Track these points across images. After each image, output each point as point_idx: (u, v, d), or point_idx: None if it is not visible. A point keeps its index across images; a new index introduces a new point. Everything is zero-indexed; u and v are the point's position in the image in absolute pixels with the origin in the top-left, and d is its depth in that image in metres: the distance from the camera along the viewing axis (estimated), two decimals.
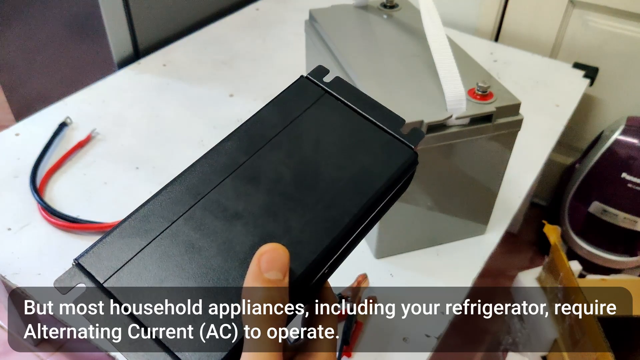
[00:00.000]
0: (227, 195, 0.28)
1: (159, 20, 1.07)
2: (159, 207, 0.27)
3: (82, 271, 0.25)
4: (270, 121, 0.31)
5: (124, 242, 0.26)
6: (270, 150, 0.29)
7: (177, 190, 0.28)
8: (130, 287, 0.25)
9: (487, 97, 0.57)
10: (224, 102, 0.92)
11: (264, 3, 1.25)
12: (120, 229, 0.26)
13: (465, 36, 1.14)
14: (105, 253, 0.25)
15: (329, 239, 0.27)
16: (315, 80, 0.33)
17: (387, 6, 0.77)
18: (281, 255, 0.24)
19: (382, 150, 0.30)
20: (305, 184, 0.29)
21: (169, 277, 0.25)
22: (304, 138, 0.30)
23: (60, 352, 0.96)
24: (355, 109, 0.32)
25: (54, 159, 0.79)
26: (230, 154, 0.29)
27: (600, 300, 0.79)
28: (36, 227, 0.69)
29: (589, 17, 1.05)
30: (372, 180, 0.29)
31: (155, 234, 0.26)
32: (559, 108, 0.95)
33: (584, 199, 1.08)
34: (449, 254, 0.68)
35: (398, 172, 0.30)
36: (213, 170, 0.28)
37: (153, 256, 0.25)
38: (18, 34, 1.12)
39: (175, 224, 0.26)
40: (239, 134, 0.30)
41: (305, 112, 0.31)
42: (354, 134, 0.31)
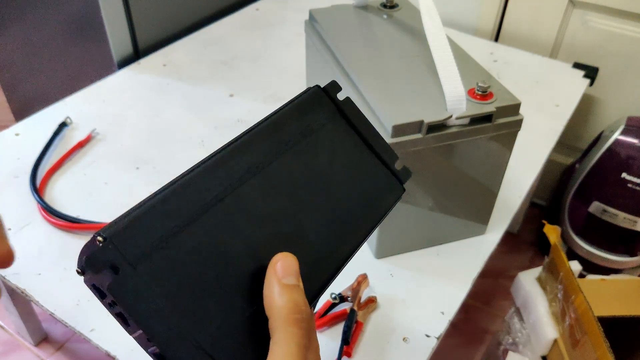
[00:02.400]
0: (251, 196, 0.28)
1: (159, 20, 1.07)
2: (187, 194, 0.26)
3: (111, 250, 0.23)
4: (291, 127, 0.31)
5: (155, 225, 0.24)
6: (292, 157, 0.30)
7: (205, 180, 0.27)
8: (159, 276, 0.23)
9: (487, 97, 0.57)
10: (224, 102, 0.92)
11: (264, 3, 1.25)
12: (149, 210, 0.25)
13: (465, 36, 1.14)
14: (135, 232, 0.24)
15: (334, 266, 0.30)
16: (330, 94, 0.34)
17: (387, 6, 0.77)
18: (293, 262, 0.26)
19: (381, 183, 0.34)
20: (320, 198, 0.31)
21: (194, 270, 0.25)
22: (320, 152, 0.32)
23: (60, 352, 0.96)
24: (362, 135, 0.34)
25: (54, 159, 0.79)
26: (255, 152, 0.29)
27: (600, 300, 0.79)
28: (36, 227, 0.69)
29: (589, 17, 1.05)
30: (371, 213, 0.33)
31: (185, 223, 0.25)
32: (559, 108, 0.95)
33: (584, 199, 1.08)
34: (449, 254, 0.68)
35: (391, 207, 0.34)
36: (238, 166, 0.28)
37: (182, 245, 0.25)
38: (18, 34, 1.12)
39: (203, 216, 0.26)
40: (262, 132, 0.30)
41: (322, 126, 0.33)
42: (360, 160, 0.33)
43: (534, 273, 0.90)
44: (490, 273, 1.16)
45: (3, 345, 0.97)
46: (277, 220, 0.28)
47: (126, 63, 1.02)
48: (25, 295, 0.61)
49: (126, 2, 0.98)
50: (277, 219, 0.28)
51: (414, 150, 0.56)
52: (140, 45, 1.05)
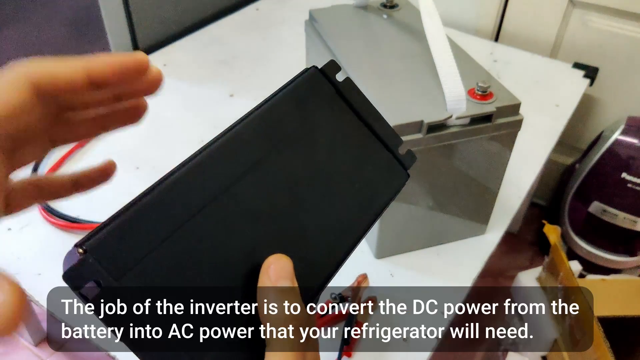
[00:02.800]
0: (247, 192, 0.26)
1: (159, 20, 1.07)
2: (177, 194, 0.25)
3: (94, 263, 0.21)
4: (287, 115, 0.29)
5: (140, 231, 0.23)
6: (288, 148, 0.28)
7: (196, 177, 0.25)
8: (146, 286, 0.22)
9: (487, 97, 0.57)
10: (224, 102, 0.92)
11: (264, 3, 1.25)
12: (134, 215, 0.23)
13: (465, 36, 1.14)
14: (118, 242, 0.22)
15: (336, 261, 0.28)
16: (328, 76, 0.32)
17: (387, 6, 0.77)
18: (286, 263, 0.25)
19: (384, 170, 0.32)
20: (319, 190, 0.29)
21: (185, 274, 0.23)
22: (318, 140, 0.30)
23: (60, 352, 0.96)
24: (363, 118, 0.32)
25: (54, 159, 0.79)
26: (250, 143, 0.27)
27: (600, 300, 0.79)
28: (36, 227, 0.69)
29: (589, 17, 1.04)
30: (374, 203, 0.31)
31: (174, 227, 0.24)
32: (559, 108, 0.95)
33: (584, 199, 1.08)
34: (449, 254, 0.68)
35: (395, 194, 0.32)
36: (232, 160, 0.26)
37: (171, 250, 0.23)
38: (18, 34, 1.12)
39: (195, 217, 0.24)
40: (256, 121, 0.28)
41: (320, 112, 0.31)
42: (361, 145, 0.31)
43: (534, 273, 0.90)
44: (490, 273, 1.16)
45: (3, 345, 0.97)
46: (274, 219, 0.27)
47: None
48: (26, 295, 0.61)
49: (126, 2, 0.98)
50: (274, 217, 0.27)
51: (414, 150, 0.56)
52: (140, 45, 1.05)
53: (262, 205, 0.27)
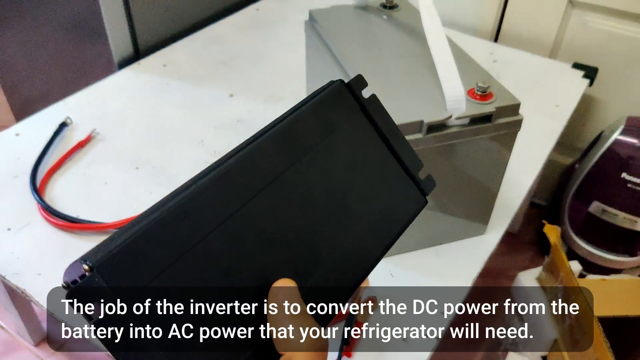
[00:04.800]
0: (263, 211, 0.25)
1: (159, 20, 1.07)
2: (191, 212, 0.23)
3: (100, 282, 0.20)
4: (309, 128, 0.28)
5: (151, 250, 0.21)
6: (308, 165, 0.27)
7: (210, 195, 0.24)
8: (153, 313, 0.21)
9: (487, 97, 0.57)
10: (224, 102, 0.92)
11: (264, 3, 1.25)
12: (146, 232, 0.22)
13: (465, 36, 1.14)
14: (127, 261, 0.21)
15: (348, 288, 0.28)
16: (354, 91, 0.31)
17: (387, 6, 0.77)
18: (292, 290, 0.25)
19: (402, 194, 0.31)
20: (336, 212, 0.28)
21: (193, 299, 0.22)
22: (337, 156, 0.29)
23: (60, 352, 0.96)
24: (385, 137, 0.31)
25: (54, 159, 0.79)
26: (270, 158, 0.26)
27: (600, 300, 0.79)
28: (36, 227, 0.69)
29: (589, 17, 1.05)
30: (392, 225, 0.31)
31: (185, 248, 0.22)
32: (559, 108, 0.95)
33: (584, 199, 1.08)
34: (449, 254, 0.68)
35: (412, 219, 0.32)
36: (252, 175, 0.25)
37: (181, 272, 0.22)
38: (18, 34, 1.12)
39: (207, 238, 0.23)
40: (278, 135, 0.27)
41: (342, 126, 0.29)
42: (381, 166, 0.31)
43: (534, 273, 0.90)
44: (490, 273, 1.16)
45: (3, 345, 0.97)
46: (289, 241, 0.26)
47: (126, 63, 1.02)
48: (25, 295, 0.61)
49: (126, 2, 0.98)
50: (289, 238, 0.26)
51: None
52: (140, 46, 1.05)
53: (277, 226, 0.26)
